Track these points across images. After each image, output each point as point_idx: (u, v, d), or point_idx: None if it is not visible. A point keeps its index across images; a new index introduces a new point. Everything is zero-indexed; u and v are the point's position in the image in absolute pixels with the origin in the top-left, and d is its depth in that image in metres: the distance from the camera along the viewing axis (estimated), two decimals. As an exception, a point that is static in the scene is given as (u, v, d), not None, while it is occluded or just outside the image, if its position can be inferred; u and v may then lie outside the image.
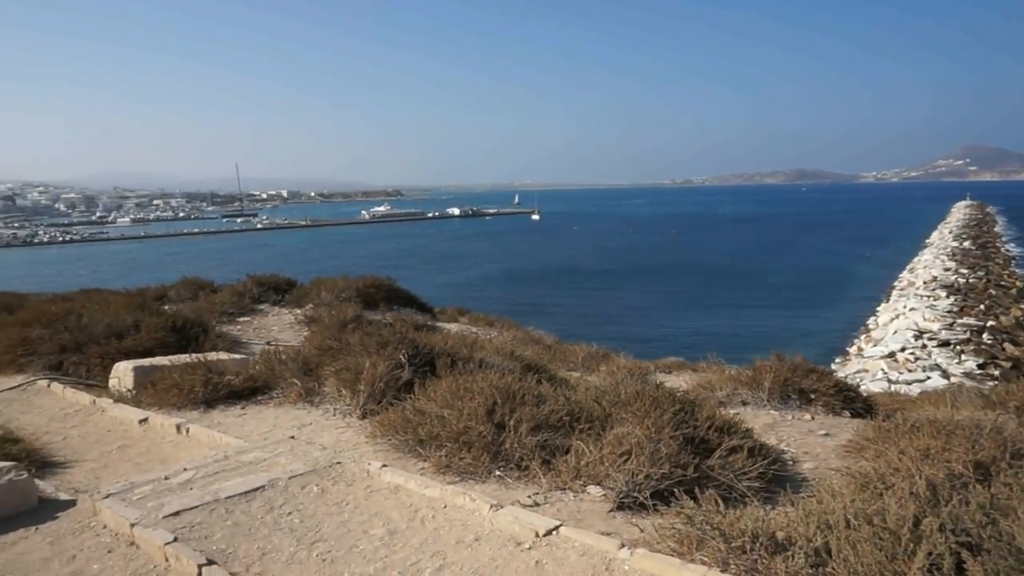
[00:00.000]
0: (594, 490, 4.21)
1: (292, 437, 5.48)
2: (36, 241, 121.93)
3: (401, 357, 6.27)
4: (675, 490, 3.82)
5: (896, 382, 24.08)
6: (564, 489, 4.28)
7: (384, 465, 4.68)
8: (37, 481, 4.66)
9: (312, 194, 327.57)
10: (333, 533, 3.88)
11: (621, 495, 4.01)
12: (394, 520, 4.01)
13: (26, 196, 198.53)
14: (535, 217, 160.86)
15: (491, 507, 3.95)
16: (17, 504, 4.31)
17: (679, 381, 8.57)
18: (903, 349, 29.74)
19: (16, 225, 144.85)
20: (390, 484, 4.48)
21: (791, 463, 5.00)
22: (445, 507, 4.12)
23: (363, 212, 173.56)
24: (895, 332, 32.70)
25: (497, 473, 4.52)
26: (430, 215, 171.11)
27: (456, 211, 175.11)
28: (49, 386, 7.59)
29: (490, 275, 66.60)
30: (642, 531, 3.60)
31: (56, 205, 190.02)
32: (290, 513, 4.14)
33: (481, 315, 16.09)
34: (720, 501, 3.54)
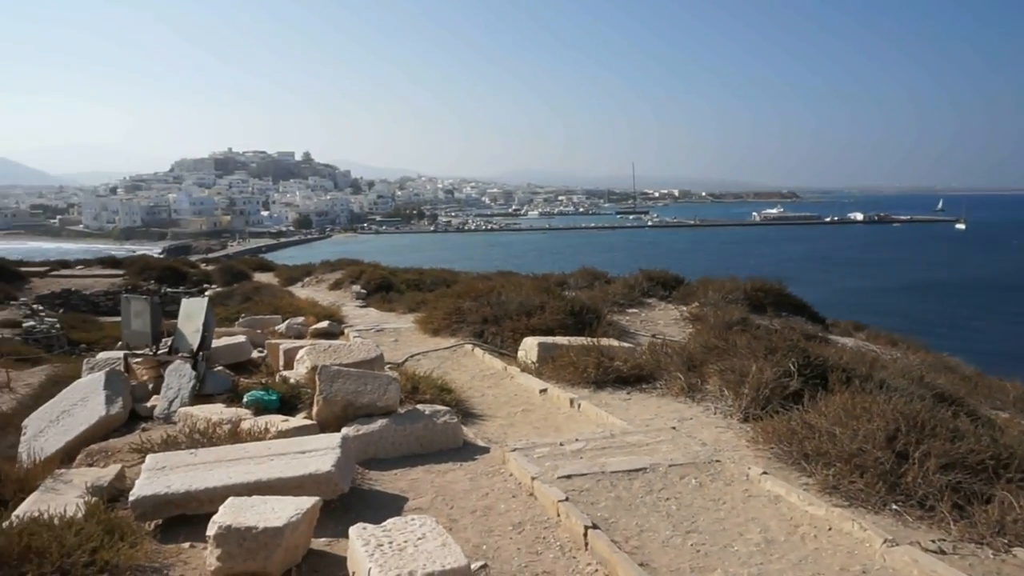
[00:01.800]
0: (1023, 553, 3.53)
1: (673, 428, 5.64)
2: (466, 228, 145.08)
3: (790, 365, 6.00)
4: None
5: None
6: (980, 543, 3.67)
7: (764, 472, 4.55)
8: (462, 427, 5.60)
9: (703, 194, 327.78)
10: (708, 528, 3.91)
11: (1062, 567, 3.29)
12: (772, 530, 3.88)
13: (462, 190, 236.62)
14: (960, 226, 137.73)
15: (885, 541, 3.58)
16: (448, 442, 5.26)
17: None
18: None
19: (453, 214, 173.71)
20: (770, 493, 4.34)
21: None
22: (829, 529, 3.86)
23: (754, 214, 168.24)
24: None
25: (894, 507, 4.06)
26: (827, 219, 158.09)
27: (858, 216, 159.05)
28: (473, 350, 9.01)
29: (893, 287, 59.28)
30: (1091, 617, 2.92)
31: (482, 198, 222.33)
32: (667, 499, 4.29)
33: (882, 332, 14.45)
34: None
